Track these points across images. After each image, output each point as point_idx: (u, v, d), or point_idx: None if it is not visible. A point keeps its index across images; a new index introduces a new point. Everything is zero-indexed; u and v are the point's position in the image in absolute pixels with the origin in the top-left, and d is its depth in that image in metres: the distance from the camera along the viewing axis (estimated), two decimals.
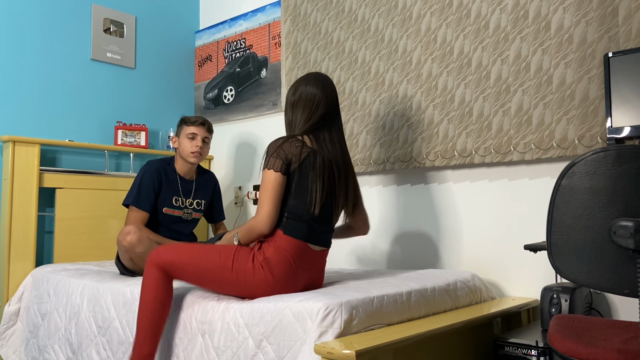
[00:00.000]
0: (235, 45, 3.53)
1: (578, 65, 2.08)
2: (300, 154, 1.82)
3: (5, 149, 2.79)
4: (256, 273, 1.75)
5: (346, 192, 1.94)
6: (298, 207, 1.82)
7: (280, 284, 1.77)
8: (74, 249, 2.96)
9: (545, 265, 2.21)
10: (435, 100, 2.46)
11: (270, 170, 1.80)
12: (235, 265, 1.77)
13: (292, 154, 1.81)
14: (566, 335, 1.22)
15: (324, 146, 1.89)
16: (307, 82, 1.95)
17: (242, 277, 1.76)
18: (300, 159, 1.82)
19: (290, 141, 1.84)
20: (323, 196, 1.84)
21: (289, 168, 1.82)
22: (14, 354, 2.55)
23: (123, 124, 3.28)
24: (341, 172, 1.91)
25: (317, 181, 1.83)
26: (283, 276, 1.77)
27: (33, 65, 3.01)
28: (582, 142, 2.04)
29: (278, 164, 1.80)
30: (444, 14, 2.46)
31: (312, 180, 1.83)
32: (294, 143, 1.84)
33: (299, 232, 1.81)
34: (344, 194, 1.93)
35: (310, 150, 1.85)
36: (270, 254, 1.77)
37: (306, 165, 1.83)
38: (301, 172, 1.82)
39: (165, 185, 2.58)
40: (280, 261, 1.77)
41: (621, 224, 1.02)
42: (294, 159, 1.81)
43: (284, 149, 1.82)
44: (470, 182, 2.43)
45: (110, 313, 2.07)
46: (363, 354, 1.35)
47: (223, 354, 1.66)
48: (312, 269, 1.87)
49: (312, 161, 1.84)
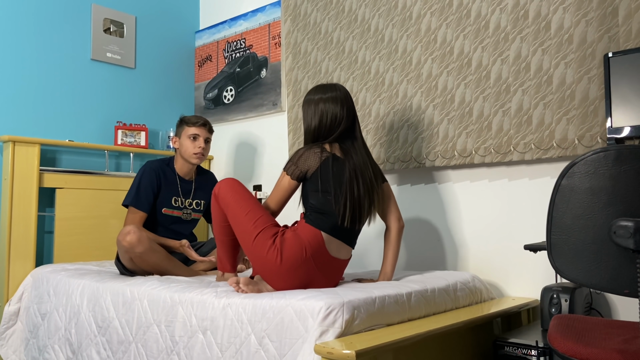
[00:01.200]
0: (235, 45, 3.53)
1: (578, 65, 2.08)
2: (319, 161, 1.91)
3: (5, 149, 2.79)
4: (269, 253, 1.82)
5: (371, 200, 1.98)
6: (319, 205, 1.90)
7: (285, 268, 1.81)
8: (73, 249, 2.96)
9: (545, 265, 2.21)
10: (435, 100, 2.47)
11: (287, 175, 1.96)
12: (257, 240, 1.86)
13: (309, 165, 1.93)
14: (566, 335, 1.22)
15: (349, 155, 1.96)
16: (326, 100, 2.01)
17: (257, 252, 1.85)
18: (318, 166, 1.91)
19: (312, 150, 1.94)
20: (349, 205, 1.90)
21: (304, 176, 1.95)
22: (14, 354, 2.55)
23: (123, 124, 3.28)
24: (366, 180, 1.96)
25: (341, 188, 1.90)
26: (291, 261, 1.81)
27: (33, 65, 3.01)
28: (582, 142, 2.04)
29: (294, 172, 1.95)
30: (444, 14, 2.46)
31: (334, 186, 1.90)
32: (315, 150, 1.94)
33: (321, 223, 1.88)
34: (368, 201, 1.97)
35: (329, 155, 1.93)
36: (288, 237, 1.85)
37: (327, 170, 1.91)
38: (321, 177, 1.91)
39: (165, 185, 2.58)
40: (294, 245, 1.82)
41: (621, 224, 1.02)
42: (311, 169, 1.93)
43: (304, 159, 1.94)
44: (470, 182, 2.43)
45: (110, 313, 2.07)
46: (363, 354, 1.35)
47: (227, 351, 1.66)
48: (326, 271, 1.89)
49: (333, 167, 1.92)
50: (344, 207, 1.89)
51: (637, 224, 1.00)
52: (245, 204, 1.92)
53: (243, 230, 1.89)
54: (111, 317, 2.06)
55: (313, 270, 1.85)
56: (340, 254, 1.93)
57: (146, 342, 1.90)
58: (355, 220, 1.93)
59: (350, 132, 2.02)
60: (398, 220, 2.09)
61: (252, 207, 1.91)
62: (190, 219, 2.69)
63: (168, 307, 1.86)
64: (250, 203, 1.92)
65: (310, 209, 1.92)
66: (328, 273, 1.90)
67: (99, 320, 2.11)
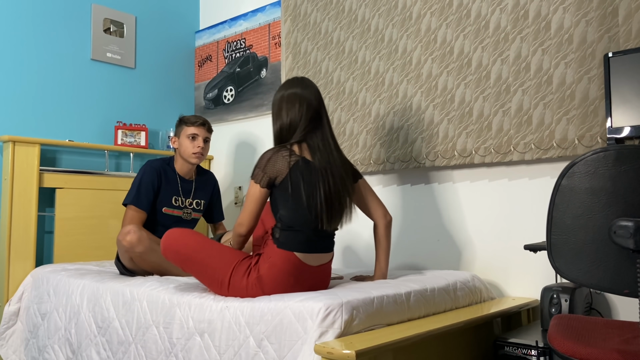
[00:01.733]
0: (235, 45, 3.53)
1: (578, 65, 2.08)
2: (288, 166, 1.82)
3: (5, 149, 2.79)
4: (249, 290, 1.78)
5: (343, 198, 1.90)
6: (290, 217, 1.81)
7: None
8: (74, 249, 2.96)
9: (545, 265, 2.21)
10: (435, 100, 2.46)
11: (255, 184, 1.85)
12: (231, 282, 1.79)
13: (278, 171, 1.82)
14: (566, 335, 1.22)
15: (316, 154, 1.87)
16: (288, 99, 1.94)
17: (237, 292, 1.80)
18: (288, 171, 1.81)
19: (280, 153, 1.84)
20: (320, 205, 1.82)
21: (273, 182, 1.84)
22: (14, 354, 2.55)
23: (123, 124, 3.28)
24: (336, 180, 1.87)
25: (312, 191, 1.82)
26: (276, 292, 1.77)
27: (33, 65, 3.01)
28: (582, 142, 2.04)
29: (262, 179, 1.83)
30: (444, 14, 2.46)
31: (305, 190, 1.81)
32: (283, 153, 1.84)
33: (292, 243, 1.79)
34: (340, 200, 1.89)
35: (299, 159, 1.84)
36: (264, 271, 1.77)
37: (297, 175, 1.82)
38: (291, 183, 1.81)
39: (165, 185, 2.58)
40: (274, 279, 1.77)
41: (621, 223, 1.02)
42: (280, 175, 1.82)
43: (271, 164, 1.83)
44: (470, 182, 2.43)
45: (110, 313, 2.07)
46: (363, 354, 1.35)
47: (225, 353, 1.66)
48: (310, 283, 1.85)
49: (302, 171, 1.83)
50: (319, 210, 1.81)
51: (637, 224, 1.00)
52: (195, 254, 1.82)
53: (212, 282, 1.82)
54: (111, 317, 2.06)
55: (301, 287, 1.82)
56: (322, 260, 1.87)
57: (145, 343, 1.89)
58: (330, 221, 1.86)
59: (317, 130, 1.92)
60: (384, 215, 2.06)
61: (206, 253, 1.82)
62: (190, 219, 2.69)
63: (166, 309, 1.86)
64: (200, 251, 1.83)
65: (279, 223, 1.82)
66: (317, 282, 1.87)
67: (99, 320, 2.11)
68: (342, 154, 1.97)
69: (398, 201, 2.66)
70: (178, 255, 1.85)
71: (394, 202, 2.68)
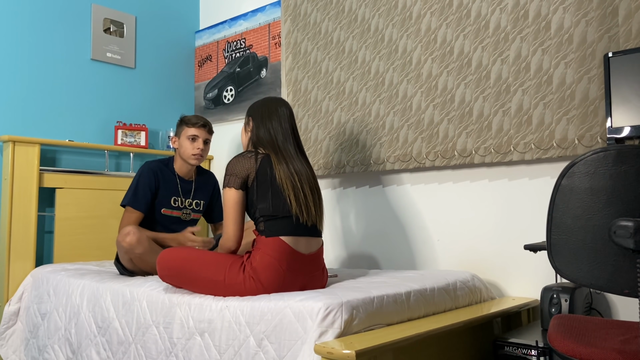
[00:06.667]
0: (235, 45, 3.53)
1: (578, 65, 2.08)
2: (255, 162, 1.88)
3: (5, 149, 2.79)
4: (246, 284, 1.79)
5: (315, 194, 1.95)
6: (271, 206, 1.85)
7: (270, 291, 1.79)
8: (73, 249, 2.96)
9: (545, 265, 2.21)
10: (435, 100, 2.46)
11: (230, 189, 1.87)
12: (227, 280, 1.81)
13: (247, 169, 1.87)
14: (566, 335, 1.22)
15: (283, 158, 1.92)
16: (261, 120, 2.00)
17: (235, 289, 1.81)
18: (256, 168, 1.87)
19: (245, 155, 1.90)
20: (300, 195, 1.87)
21: (246, 182, 1.88)
22: (14, 354, 2.55)
23: (123, 124, 3.28)
24: (303, 179, 1.92)
25: (284, 181, 1.86)
26: (272, 282, 1.78)
27: (33, 65, 3.01)
28: (582, 142, 2.04)
29: (235, 181, 1.87)
30: (444, 14, 2.46)
31: (279, 180, 1.86)
32: (247, 155, 1.90)
33: (278, 228, 1.83)
34: (313, 195, 1.93)
35: (264, 156, 1.90)
36: (256, 262, 1.80)
37: (265, 168, 1.87)
38: (264, 174, 1.87)
39: (163, 185, 2.58)
40: (266, 267, 1.78)
41: (621, 223, 1.02)
42: (251, 172, 1.87)
43: (239, 165, 1.88)
44: (470, 182, 2.43)
45: (110, 313, 2.07)
46: (363, 354, 1.35)
47: (225, 353, 1.66)
48: (304, 272, 1.87)
49: (270, 165, 1.88)
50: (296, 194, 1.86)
51: (637, 224, 1.00)
52: (190, 265, 1.85)
53: (211, 287, 1.83)
54: (111, 317, 2.06)
55: (296, 278, 1.84)
56: (312, 247, 1.90)
57: (145, 343, 1.90)
58: (310, 208, 1.90)
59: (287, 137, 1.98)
60: None
61: (199, 263, 1.85)
62: (189, 219, 2.69)
63: (166, 309, 1.86)
64: (193, 261, 1.86)
65: (261, 217, 1.86)
66: (310, 272, 1.89)
67: (98, 320, 2.11)
68: (311, 168, 2.01)
69: (398, 201, 2.66)
70: (172, 272, 1.89)
71: (394, 202, 2.68)
